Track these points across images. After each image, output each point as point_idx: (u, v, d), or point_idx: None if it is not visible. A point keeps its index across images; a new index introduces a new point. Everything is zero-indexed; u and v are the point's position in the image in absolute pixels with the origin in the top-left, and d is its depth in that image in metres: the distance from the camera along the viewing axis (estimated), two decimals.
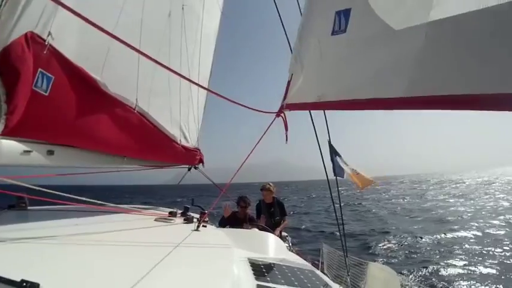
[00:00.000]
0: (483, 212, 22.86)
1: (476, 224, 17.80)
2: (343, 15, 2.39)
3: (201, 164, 4.77)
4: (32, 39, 2.30)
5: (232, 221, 5.63)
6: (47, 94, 2.48)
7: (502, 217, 19.87)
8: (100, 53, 2.96)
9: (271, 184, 6.36)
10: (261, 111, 3.06)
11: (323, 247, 7.78)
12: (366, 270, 5.27)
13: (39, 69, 2.39)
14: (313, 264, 4.08)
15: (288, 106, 2.88)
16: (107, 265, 1.57)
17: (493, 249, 12.13)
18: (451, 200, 33.42)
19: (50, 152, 2.65)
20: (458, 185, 66.57)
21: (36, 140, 2.54)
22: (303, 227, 19.81)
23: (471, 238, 14.67)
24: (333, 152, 5.39)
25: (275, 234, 4.16)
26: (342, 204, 5.40)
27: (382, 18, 2.07)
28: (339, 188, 5.29)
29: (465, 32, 1.70)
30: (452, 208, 26.27)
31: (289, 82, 2.88)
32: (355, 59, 2.40)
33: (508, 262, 10.63)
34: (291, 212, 26.00)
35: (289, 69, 2.90)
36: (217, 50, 5.10)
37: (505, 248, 12.35)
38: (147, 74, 3.48)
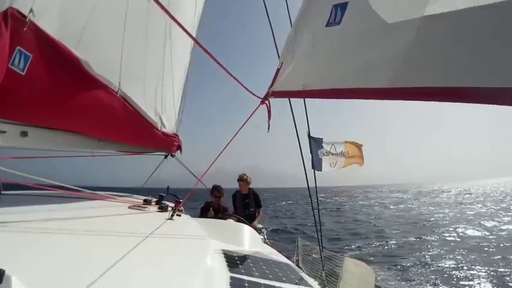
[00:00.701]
0: (451, 219, 24.78)
1: (446, 228, 19.40)
2: (340, 8, 2.41)
3: (178, 150, 4.69)
4: (12, 16, 2.15)
5: (207, 210, 5.65)
6: (23, 73, 2.34)
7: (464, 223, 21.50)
8: (83, 32, 2.81)
9: (248, 175, 6.35)
10: (251, 93, 3.02)
11: (298, 241, 7.87)
12: (341, 265, 5.37)
13: (18, 47, 2.25)
14: (288, 258, 4.15)
15: (273, 93, 2.88)
16: (76, 254, 1.52)
17: (453, 250, 13.48)
18: (431, 208, 35.39)
19: (24, 134, 2.54)
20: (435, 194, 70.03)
21: (9, 121, 2.43)
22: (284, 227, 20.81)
23: (436, 240, 16.11)
24: (313, 144, 5.44)
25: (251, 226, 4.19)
26: (320, 209, 5.46)
27: (378, 13, 2.09)
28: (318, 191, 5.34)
29: (456, 28, 1.74)
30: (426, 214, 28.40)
31: (278, 70, 2.88)
32: (345, 50, 2.44)
33: (462, 259, 11.95)
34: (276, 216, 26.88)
35: (280, 58, 2.91)
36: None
37: (461, 248, 13.73)
38: (130, 58, 3.37)
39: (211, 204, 5.77)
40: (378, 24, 2.08)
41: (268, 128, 3.12)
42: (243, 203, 6.17)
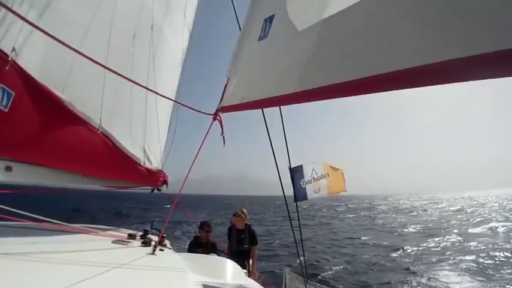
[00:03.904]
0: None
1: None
2: (269, 21, 2.56)
3: (164, 185, 4.70)
4: None
5: (195, 245, 5.59)
6: (6, 110, 2.44)
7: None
8: (65, 71, 2.96)
9: (244, 211, 6.26)
10: (202, 112, 3.16)
11: (286, 272, 7.71)
12: None
13: (0, 85, 2.36)
14: None
15: (222, 109, 2.99)
16: (42, 282, 1.53)
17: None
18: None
19: (8, 169, 2.59)
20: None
21: None
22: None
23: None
24: (295, 176, 5.46)
25: (247, 270, 4.08)
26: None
27: (293, 22, 2.15)
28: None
29: (350, 24, 1.79)
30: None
31: (225, 86, 3.01)
32: (268, 61, 2.56)
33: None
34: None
35: (226, 74, 3.05)
36: (185, 69, 5.12)
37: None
38: (111, 95, 3.48)
39: (200, 239, 5.71)
40: (292, 33, 2.16)
41: (224, 142, 3.25)
42: (237, 238, 6.05)
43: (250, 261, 5.84)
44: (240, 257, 5.58)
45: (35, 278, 1.59)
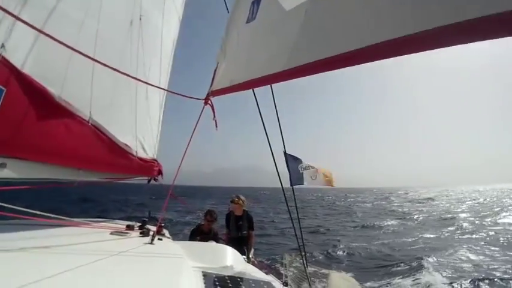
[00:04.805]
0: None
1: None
2: (256, 3, 2.56)
3: (160, 175, 4.72)
4: None
5: (196, 233, 5.63)
6: None
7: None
8: (54, 65, 2.95)
9: (241, 197, 6.30)
10: (192, 97, 3.20)
11: (285, 257, 7.79)
12: (327, 280, 5.34)
13: None
14: (278, 275, 4.07)
15: (212, 93, 3.03)
16: (46, 274, 1.54)
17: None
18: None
19: (2, 165, 2.60)
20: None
21: None
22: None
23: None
24: (290, 161, 5.49)
25: (246, 256, 4.11)
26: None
27: (280, 2, 2.18)
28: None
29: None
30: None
31: (215, 71, 3.04)
32: (256, 43, 2.58)
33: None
34: None
35: (215, 59, 3.07)
36: (176, 57, 5.10)
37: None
38: (102, 87, 3.47)
39: (202, 228, 5.74)
40: (280, 13, 2.18)
41: (216, 126, 3.28)
42: (236, 225, 6.11)
43: (250, 246, 5.92)
44: (239, 243, 5.66)
45: (36, 269, 1.62)
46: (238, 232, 6.05)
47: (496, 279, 9.16)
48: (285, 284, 4.02)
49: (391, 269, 11.11)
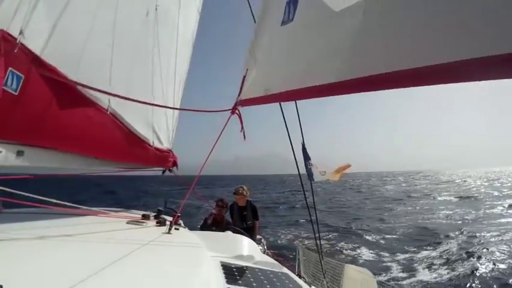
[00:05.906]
0: None
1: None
2: (292, 3, 2.34)
3: (175, 167, 4.72)
4: (3, 38, 2.27)
5: (212, 224, 5.64)
6: (16, 93, 2.43)
7: None
8: (73, 53, 2.93)
9: (244, 187, 6.35)
10: (217, 111, 3.03)
11: (299, 249, 7.83)
12: (342, 272, 5.33)
13: (10, 68, 2.34)
14: (291, 267, 4.07)
15: (241, 102, 2.84)
16: (66, 265, 1.56)
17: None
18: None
19: (20, 153, 2.60)
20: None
21: (5, 141, 2.49)
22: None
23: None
24: (306, 157, 5.48)
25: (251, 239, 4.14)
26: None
27: (325, 2, 1.95)
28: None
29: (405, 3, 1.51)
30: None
31: (244, 78, 2.84)
32: (297, 47, 2.32)
33: None
34: None
35: (244, 65, 2.85)
36: (195, 49, 5.07)
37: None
38: (120, 76, 3.45)
39: (215, 217, 5.75)
40: (327, 14, 1.94)
41: (244, 137, 3.14)
42: (240, 216, 6.15)
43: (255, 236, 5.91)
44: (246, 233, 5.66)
45: (59, 261, 1.62)
46: (243, 223, 6.07)
47: None
48: (298, 275, 4.00)
49: None
